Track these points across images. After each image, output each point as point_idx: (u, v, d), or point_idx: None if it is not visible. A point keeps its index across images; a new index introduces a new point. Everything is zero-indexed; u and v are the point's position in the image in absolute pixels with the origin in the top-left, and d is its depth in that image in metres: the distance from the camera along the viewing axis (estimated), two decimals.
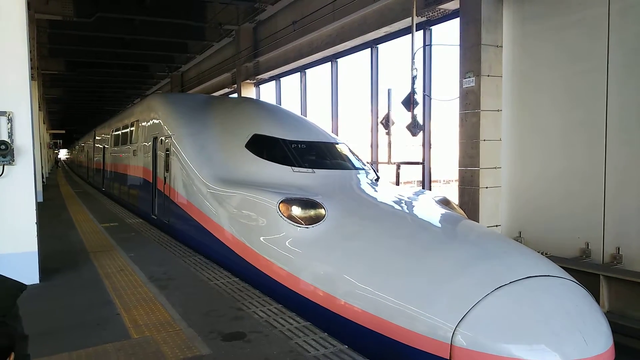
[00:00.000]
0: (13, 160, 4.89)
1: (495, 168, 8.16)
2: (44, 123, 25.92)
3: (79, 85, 29.49)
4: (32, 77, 6.48)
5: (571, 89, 7.29)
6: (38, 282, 5.05)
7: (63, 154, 66.41)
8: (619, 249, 6.69)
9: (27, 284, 4.34)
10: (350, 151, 7.34)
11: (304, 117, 9.54)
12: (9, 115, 4.87)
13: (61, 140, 45.97)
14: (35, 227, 5.05)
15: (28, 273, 4.97)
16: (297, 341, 3.53)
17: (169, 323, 3.90)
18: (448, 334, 3.36)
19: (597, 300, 5.72)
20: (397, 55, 12.13)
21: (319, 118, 14.80)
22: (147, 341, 3.53)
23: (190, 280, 5.16)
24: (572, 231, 7.23)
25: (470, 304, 3.44)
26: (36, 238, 5.07)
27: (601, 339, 3.43)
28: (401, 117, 9.52)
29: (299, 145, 6.75)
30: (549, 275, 3.83)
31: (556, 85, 7.51)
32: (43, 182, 16.41)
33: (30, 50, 6.11)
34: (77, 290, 4.87)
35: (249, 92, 18.40)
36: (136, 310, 4.22)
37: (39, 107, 18.45)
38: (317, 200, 5.15)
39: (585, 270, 6.64)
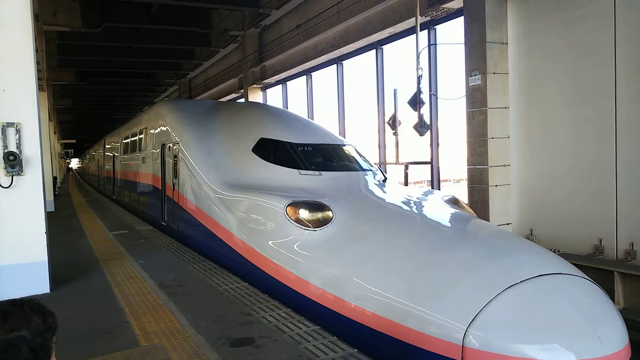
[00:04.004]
0: (22, 171, 4.93)
1: (504, 166, 8.07)
2: (54, 133, 26.21)
3: (88, 95, 29.83)
4: (41, 88, 6.55)
5: (579, 84, 7.19)
6: (49, 291, 5.07)
7: (74, 163, 67.14)
8: (633, 244, 6.58)
9: (37, 293, 4.38)
10: (357, 152, 7.31)
11: (310, 120, 9.54)
12: (17, 126, 4.91)
13: (72, 150, 46.44)
14: (45, 237, 5.08)
15: (39, 283, 5.01)
16: (306, 345, 3.50)
17: (178, 330, 3.90)
18: (459, 335, 3.31)
19: (612, 298, 5.64)
20: (402, 56, 12.10)
21: (325, 120, 14.81)
22: (156, 349, 3.53)
23: (199, 286, 5.16)
24: (584, 227, 7.13)
25: (482, 304, 3.39)
26: (46, 248, 5.10)
27: (616, 337, 3.36)
28: (408, 117, 9.48)
29: (306, 148, 6.73)
30: (561, 273, 3.77)
31: (563, 81, 7.42)
32: (55, 191, 16.56)
33: (39, 62, 6.18)
34: (87, 299, 4.89)
35: (255, 96, 18.46)
36: (145, 317, 4.23)
37: (50, 117, 18.65)
38: (325, 203, 5.13)
39: (599, 267, 6.54)
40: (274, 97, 18.95)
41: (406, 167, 10.35)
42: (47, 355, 1.22)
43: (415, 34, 9.04)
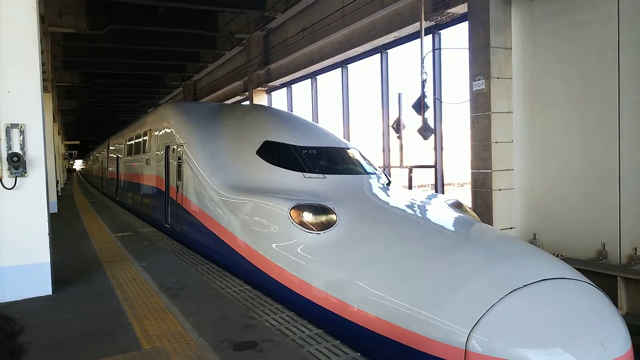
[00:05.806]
0: (25, 172, 4.94)
1: (507, 170, 8.05)
2: (58, 134, 26.29)
3: (93, 96, 29.92)
4: (46, 89, 6.58)
5: (583, 89, 7.18)
6: (51, 293, 5.07)
7: (78, 164, 67.39)
8: (636, 249, 6.54)
9: (39, 295, 4.41)
10: (362, 156, 7.30)
11: (315, 123, 9.54)
12: (21, 127, 4.93)
13: (76, 151, 46.62)
14: (47, 238, 5.08)
15: (41, 284, 5.01)
16: (309, 349, 3.49)
17: (180, 333, 3.89)
18: (462, 339, 3.30)
19: (615, 303, 5.61)
20: (407, 60, 12.11)
21: (330, 123, 14.81)
22: (157, 352, 3.52)
23: (201, 289, 5.16)
24: (587, 232, 7.09)
25: (485, 308, 3.37)
26: (49, 249, 5.10)
27: (619, 342, 3.35)
28: (412, 121, 9.48)
29: (310, 151, 6.73)
30: (564, 278, 3.75)
31: (567, 85, 7.40)
32: (58, 192, 16.61)
33: (44, 63, 6.21)
34: (89, 301, 4.89)
35: (260, 99, 18.49)
36: (147, 320, 4.22)
37: (54, 118, 18.72)
38: (329, 206, 5.12)
39: (602, 272, 6.51)
40: (278, 100, 19.00)
41: (410, 171, 10.34)
42: None
43: (420, 39, 9.04)
